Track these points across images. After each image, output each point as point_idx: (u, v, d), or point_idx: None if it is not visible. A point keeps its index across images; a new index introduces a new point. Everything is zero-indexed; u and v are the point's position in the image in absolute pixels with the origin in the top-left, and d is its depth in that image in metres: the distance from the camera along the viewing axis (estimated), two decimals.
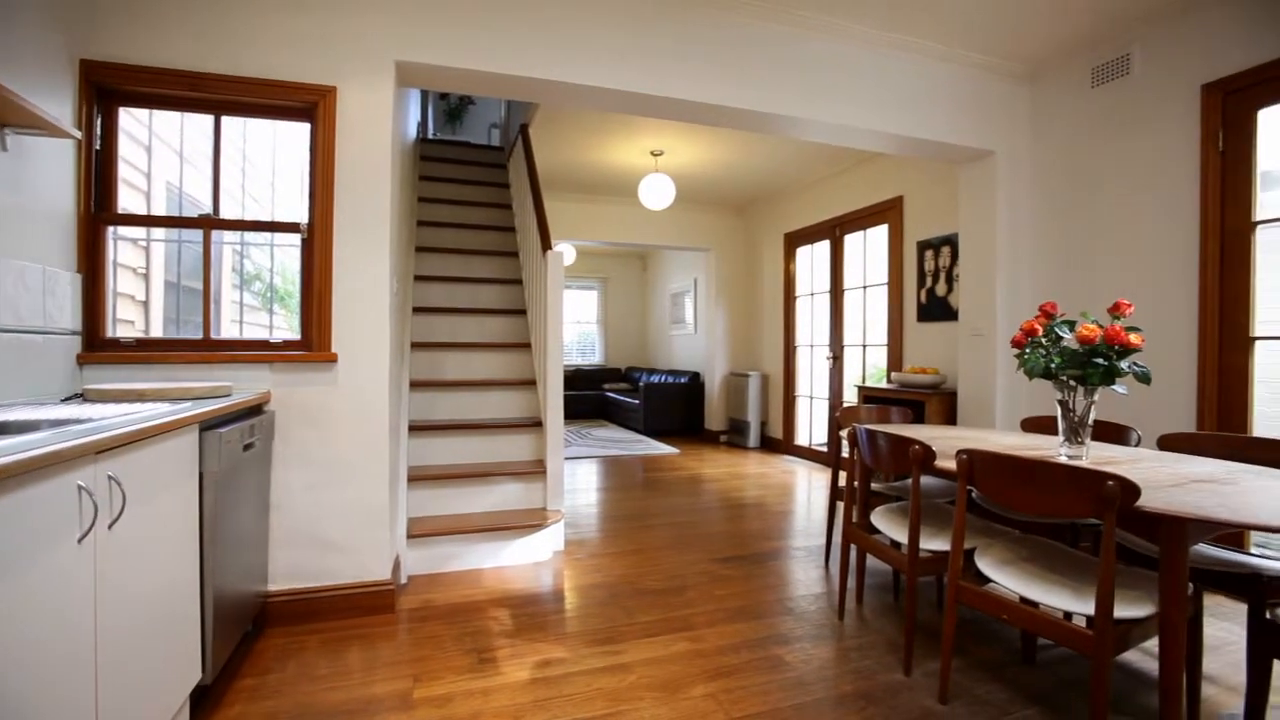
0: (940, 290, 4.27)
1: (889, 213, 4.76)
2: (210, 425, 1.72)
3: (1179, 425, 2.68)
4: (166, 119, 3.01)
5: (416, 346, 3.52)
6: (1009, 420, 3.36)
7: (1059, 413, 1.86)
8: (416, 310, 3.75)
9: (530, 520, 2.97)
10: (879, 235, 4.95)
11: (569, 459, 5.68)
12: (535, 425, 3.37)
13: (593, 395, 8.82)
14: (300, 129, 2.38)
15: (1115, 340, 1.71)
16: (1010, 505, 1.67)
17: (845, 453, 2.56)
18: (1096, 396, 1.80)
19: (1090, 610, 1.45)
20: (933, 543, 2.00)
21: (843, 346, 5.38)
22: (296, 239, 2.38)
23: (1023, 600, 1.65)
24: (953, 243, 4.10)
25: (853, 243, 5.29)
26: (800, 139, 3.47)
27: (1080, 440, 1.82)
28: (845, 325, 5.37)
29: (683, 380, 7.38)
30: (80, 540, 1.11)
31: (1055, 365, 1.81)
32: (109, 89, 2.14)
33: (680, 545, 3.23)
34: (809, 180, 5.68)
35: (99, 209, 2.14)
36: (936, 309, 4.30)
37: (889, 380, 4.52)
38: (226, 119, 2.35)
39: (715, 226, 6.84)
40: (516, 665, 2.00)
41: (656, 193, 4.93)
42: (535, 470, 3.17)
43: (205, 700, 1.76)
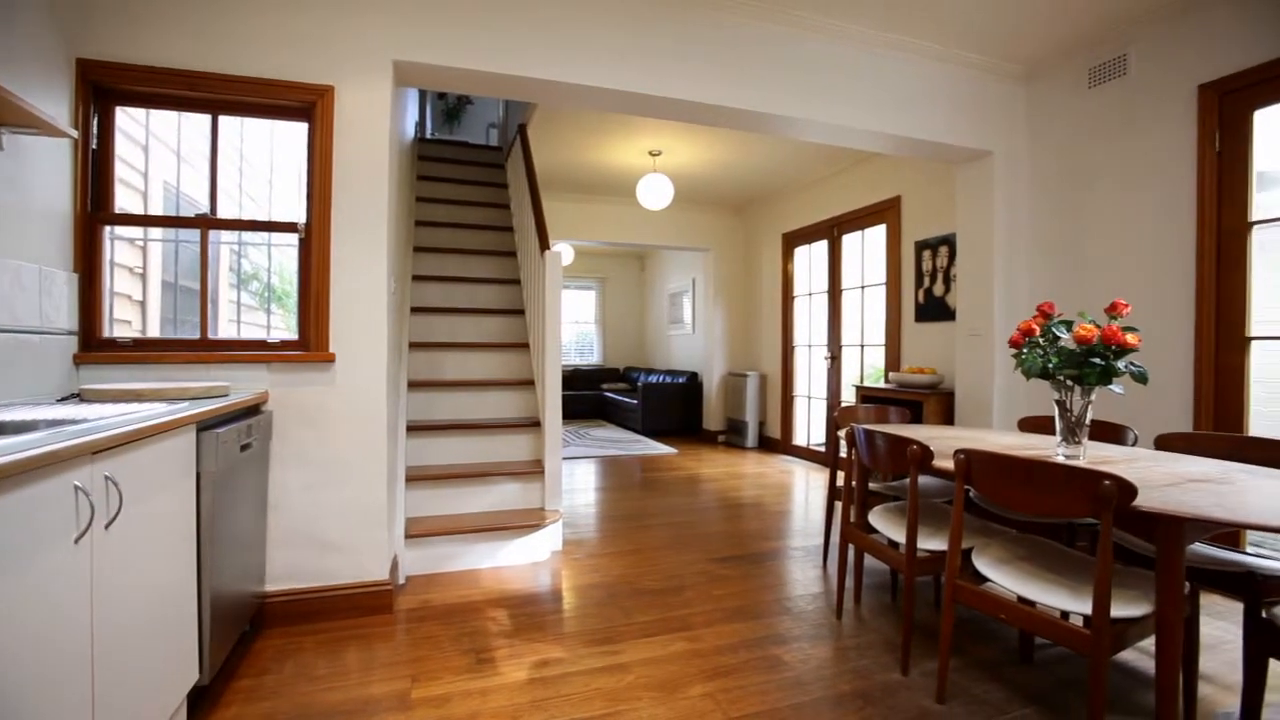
0: (938, 290, 4.28)
1: (887, 213, 4.77)
2: (207, 425, 1.72)
3: (1176, 425, 2.69)
4: (164, 118, 3.00)
5: (415, 346, 3.52)
6: (1006, 420, 3.37)
7: (1056, 412, 1.87)
8: (415, 310, 3.75)
9: (528, 520, 2.97)
10: (877, 235, 4.95)
11: (567, 459, 5.67)
12: (533, 425, 3.37)
13: (591, 395, 8.82)
14: (298, 128, 2.38)
15: (1112, 340, 1.72)
16: (1008, 505, 1.68)
17: (843, 453, 2.56)
18: (1093, 396, 1.80)
19: (1087, 609, 1.46)
20: (930, 542, 2.00)
21: (840, 346, 5.39)
22: (294, 239, 2.37)
23: (1020, 600, 1.65)
24: (950, 243, 4.11)
25: (851, 243, 5.29)
26: (798, 139, 3.47)
27: (1077, 440, 1.83)
28: (843, 325, 5.37)
29: (681, 380, 7.37)
30: (77, 540, 1.10)
31: (1052, 365, 1.81)
32: (106, 88, 2.13)
33: (678, 545, 3.24)
34: (807, 180, 5.68)
35: (96, 208, 2.13)
36: (934, 309, 4.31)
37: (887, 380, 4.53)
38: (224, 118, 2.35)
39: (713, 226, 6.84)
40: (514, 665, 2.00)
41: (655, 193, 4.92)
42: (533, 470, 3.17)
43: (203, 701, 1.75)
